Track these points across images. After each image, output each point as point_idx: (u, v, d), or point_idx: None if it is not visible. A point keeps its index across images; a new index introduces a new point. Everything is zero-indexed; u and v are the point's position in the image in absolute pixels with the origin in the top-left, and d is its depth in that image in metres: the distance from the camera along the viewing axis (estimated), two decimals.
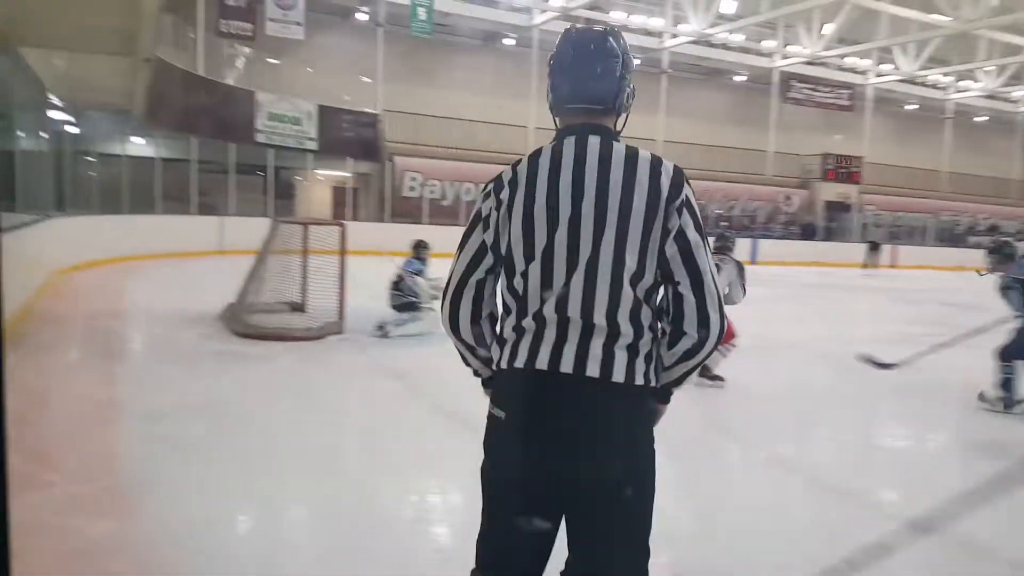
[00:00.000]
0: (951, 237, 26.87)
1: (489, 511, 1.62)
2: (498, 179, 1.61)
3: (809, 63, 24.06)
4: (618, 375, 1.48)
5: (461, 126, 19.84)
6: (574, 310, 1.50)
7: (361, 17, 19.67)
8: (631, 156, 1.55)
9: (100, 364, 5.85)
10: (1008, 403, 5.11)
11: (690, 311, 1.52)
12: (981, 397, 5.26)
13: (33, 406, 4.62)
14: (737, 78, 24.90)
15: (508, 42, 21.40)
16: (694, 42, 21.69)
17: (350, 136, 18.04)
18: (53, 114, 11.65)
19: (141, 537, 2.95)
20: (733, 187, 23.56)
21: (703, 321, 1.52)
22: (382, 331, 7.38)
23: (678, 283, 1.52)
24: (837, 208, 25.14)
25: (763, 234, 22.86)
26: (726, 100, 24.83)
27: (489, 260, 1.62)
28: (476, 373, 1.76)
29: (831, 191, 25.20)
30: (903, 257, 22.96)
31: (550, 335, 1.51)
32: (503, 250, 1.59)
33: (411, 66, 19.53)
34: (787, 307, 12.44)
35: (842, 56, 23.50)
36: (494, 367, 1.64)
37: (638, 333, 1.51)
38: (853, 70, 25.73)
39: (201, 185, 15.43)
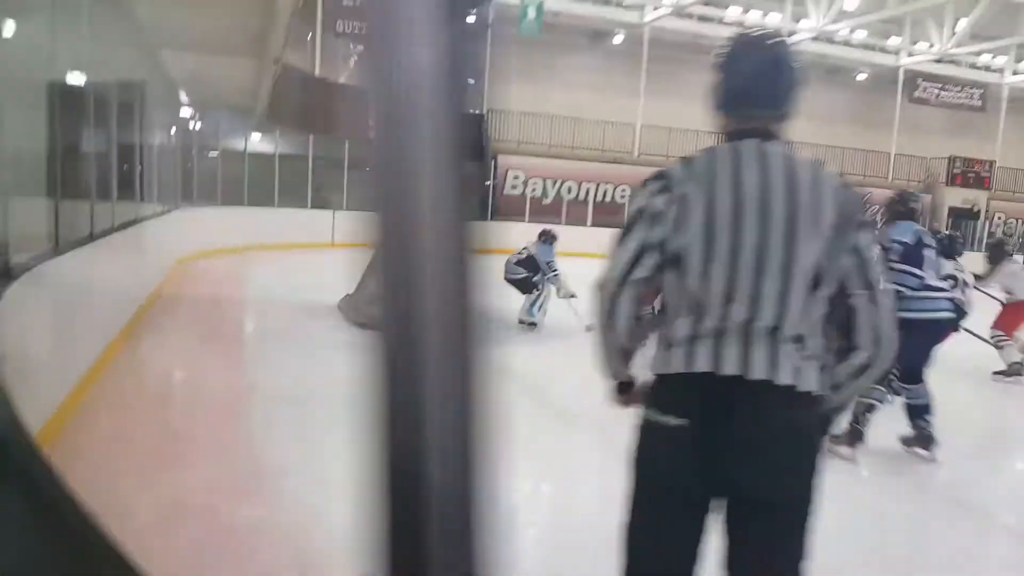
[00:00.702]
0: None
1: (645, 522, 1.58)
2: (666, 176, 1.57)
3: (937, 61, 22.59)
4: (808, 384, 1.47)
5: (566, 124, 19.73)
6: (764, 316, 1.47)
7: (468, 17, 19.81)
8: (814, 167, 1.57)
9: (232, 350, 6.10)
10: None
11: (865, 325, 1.53)
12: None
13: (172, 389, 4.84)
14: (859, 76, 23.68)
15: (616, 40, 21.11)
16: (814, 39, 20.78)
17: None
18: (182, 111, 12.29)
19: (287, 522, 2.98)
20: None
21: (877, 336, 1.53)
22: (528, 323, 7.59)
23: (854, 296, 1.53)
24: (963, 215, 23.53)
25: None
26: (847, 99, 23.60)
27: (653, 258, 1.55)
28: (614, 377, 1.69)
29: (957, 196, 23.60)
30: None
31: (736, 339, 1.47)
32: (674, 249, 1.53)
33: (516, 65, 19.57)
34: None
35: (976, 53, 21.97)
36: (656, 371, 1.58)
37: (820, 343, 1.52)
38: (987, 68, 24.00)
39: (316, 180, 15.96)
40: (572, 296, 7.70)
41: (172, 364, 5.44)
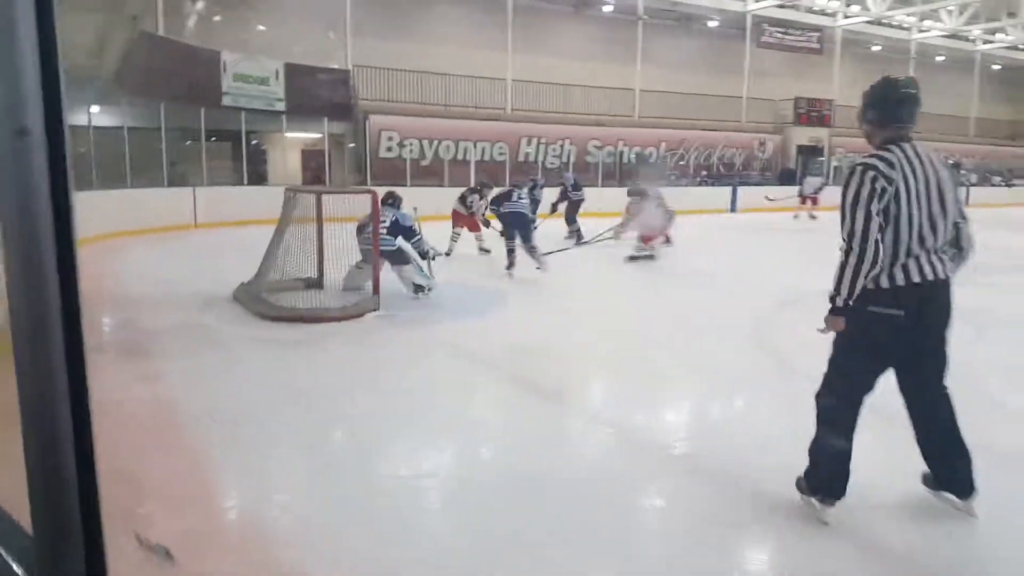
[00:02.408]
0: None
1: (858, 371, 2.79)
2: (875, 167, 2.63)
3: (780, 6, 23.76)
4: (950, 275, 2.75)
5: (437, 81, 19.01)
6: (939, 241, 2.70)
7: None
8: (936, 155, 2.74)
9: (136, 361, 5.28)
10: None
11: (965, 236, 2.86)
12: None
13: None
14: (711, 23, 24.40)
15: None
16: None
17: (320, 95, 17.08)
18: None
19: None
20: (710, 135, 23.29)
21: (970, 241, 2.86)
22: (422, 290, 7.33)
23: (959, 222, 2.83)
24: (809, 152, 25.13)
25: (741, 181, 22.71)
26: (701, 47, 24.29)
27: (881, 222, 2.61)
28: (850, 296, 2.64)
29: (804, 135, 25.16)
30: None
31: (932, 258, 2.68)
32: (894, 213, 2.62)
33: (380, 19, 18.54)
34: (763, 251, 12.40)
35: None
36: (882, 285, 2.67)
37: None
38: (823, 12, 25.54)
39: (171, 155, 14.45)
40: (437, 256, 8.00)
41: None
